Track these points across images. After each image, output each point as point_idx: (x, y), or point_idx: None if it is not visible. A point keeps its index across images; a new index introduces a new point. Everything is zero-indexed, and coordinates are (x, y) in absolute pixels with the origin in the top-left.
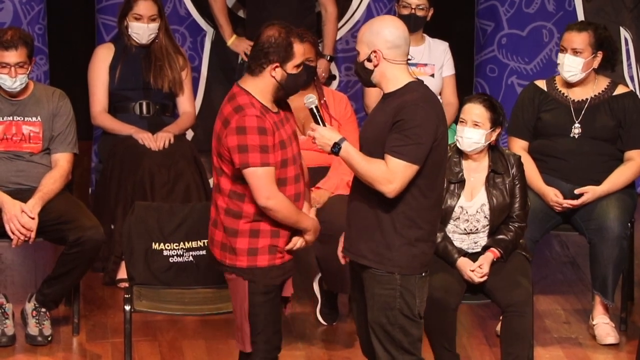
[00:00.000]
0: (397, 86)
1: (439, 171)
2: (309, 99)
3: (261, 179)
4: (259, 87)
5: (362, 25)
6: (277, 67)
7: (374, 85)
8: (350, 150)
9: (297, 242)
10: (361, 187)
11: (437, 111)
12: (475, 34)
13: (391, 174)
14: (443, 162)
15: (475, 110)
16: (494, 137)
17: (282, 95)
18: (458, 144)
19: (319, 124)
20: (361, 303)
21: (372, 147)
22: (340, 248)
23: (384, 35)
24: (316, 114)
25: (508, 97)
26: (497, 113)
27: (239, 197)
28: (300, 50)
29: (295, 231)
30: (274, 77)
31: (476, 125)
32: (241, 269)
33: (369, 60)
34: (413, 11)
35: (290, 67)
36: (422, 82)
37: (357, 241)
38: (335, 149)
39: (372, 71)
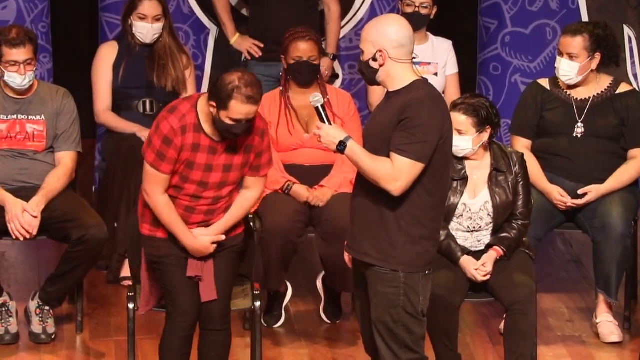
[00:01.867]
0: (402, 85)
1: (445, 169)
2: (315, 97)
3: (148, 174)
4: (207, 109)
5: (366, 24)
6: (213, 106)
7: (379, 84)
8: (355, 148)
9: None
10: (365, 185)
11: (443, 109)
12: (479, 32)
13: (397, 171)
14: (448, 161)
15: (457, 119)
16: (485, 138)
17: (218, 129)
18: None
19: (324, 122)
20: (365, 301)
21: (376, 145)
22: (345, 249)
23: (389, 35)
24: (322, 112)
25: (511, 96)
26: (480, 116)
27: None
28: (239, 110)
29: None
30: (211, 111)
31: (460, 132)
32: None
33: (374, 59)
34: (417, 9)
35: (224, 116)
36: (427, 80)
37: (361, 239)
38: (341, 147)
39: (377, 70)
